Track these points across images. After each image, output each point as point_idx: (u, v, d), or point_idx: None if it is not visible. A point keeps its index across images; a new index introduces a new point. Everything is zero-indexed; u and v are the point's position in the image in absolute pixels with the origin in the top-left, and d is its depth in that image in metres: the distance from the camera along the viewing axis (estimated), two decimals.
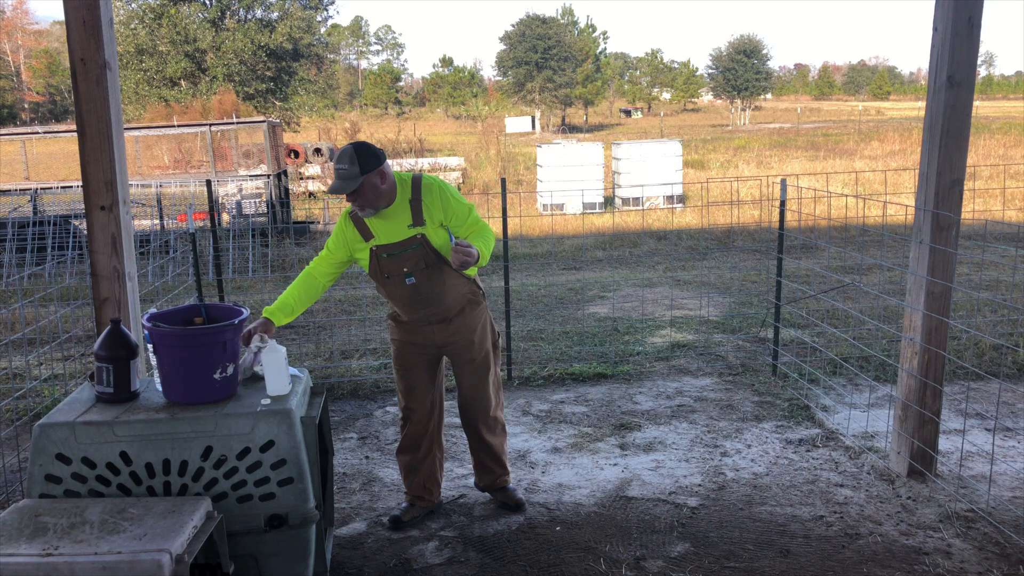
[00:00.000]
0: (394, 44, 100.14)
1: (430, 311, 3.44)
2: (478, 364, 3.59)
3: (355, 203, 3.26)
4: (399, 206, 3.32)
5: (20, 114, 57.65)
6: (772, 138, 35.49)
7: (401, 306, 3.48)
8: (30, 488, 2.65)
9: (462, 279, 3.46)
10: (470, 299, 3.53)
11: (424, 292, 3.39)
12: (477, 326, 3.55)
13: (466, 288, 3.50)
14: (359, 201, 3.24)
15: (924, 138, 3.84)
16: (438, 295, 3.41)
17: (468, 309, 3.52)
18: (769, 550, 3.41)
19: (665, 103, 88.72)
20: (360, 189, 3.20)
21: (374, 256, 3.35)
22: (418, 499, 3.71)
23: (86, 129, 3.41)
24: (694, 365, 5.95)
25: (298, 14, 33.94)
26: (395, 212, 3.32)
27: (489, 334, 3.63)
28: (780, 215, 5.70)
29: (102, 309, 3.51)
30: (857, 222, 6.88)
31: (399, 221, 3.32)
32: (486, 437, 3.70)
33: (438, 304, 3.43)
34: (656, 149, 16.05)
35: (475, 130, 38.00)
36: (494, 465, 3.78)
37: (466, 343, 3.54)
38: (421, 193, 3.33)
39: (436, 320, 3.47)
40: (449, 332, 3.50)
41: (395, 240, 3.32)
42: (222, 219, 12.70)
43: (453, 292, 3.44)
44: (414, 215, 3.31)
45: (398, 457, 3.72)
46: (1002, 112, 54.80)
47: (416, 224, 3.31)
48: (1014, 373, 5.57)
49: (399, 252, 3.32)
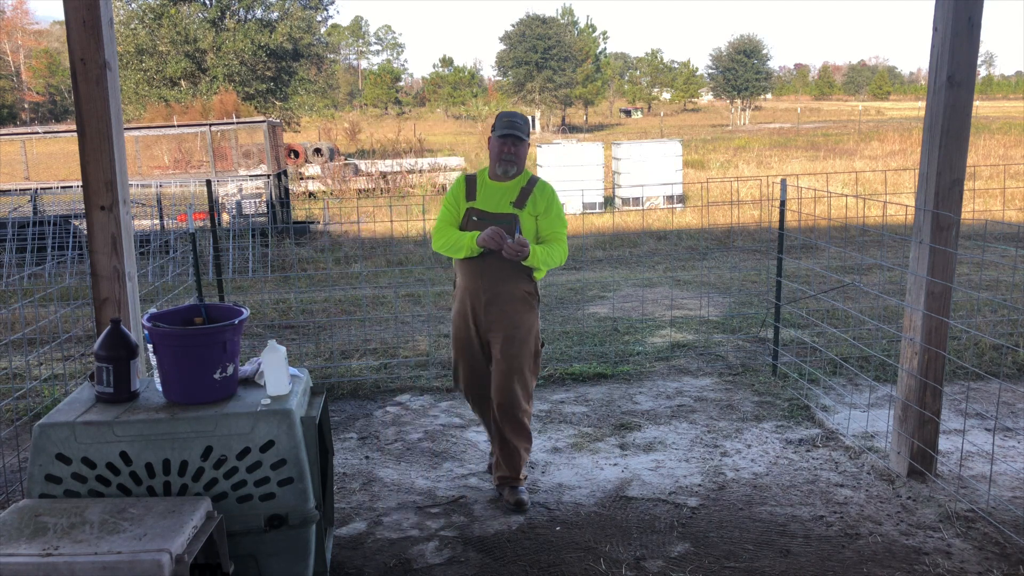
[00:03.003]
0: (394, 44, 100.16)
1: (487, 285, 3.71)
2: (512, 360, 3.73)
3: (511, 152, 3.69)
4: (514, 185, 3.75)
5: (20, 114, 57.64)
6: (772, 138, 35.50)
7: (467, 271, 3.76)
8: (30, 488, 2.65)
9: (525, 275, 3.74)
10: (525, 297, 3.77)
11: (491, 265, 3.68)
12: (522, 324, 3.76)
13: (527, 285, 3.77)
14: (516, 151, 3.70)
15: (924, 138, 3.84)
16: (500, 275, 3.70)
17: (520, 304, 3.75)
18: (769, 550, 3.41)
19: (665, 103, 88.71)
20: (524, 143, 3.71)
21: (467, 215, 3.74)
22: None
23: (86, 129, 3.41)
24: (694, 365, 5.95)
25: (298, 14, 33.95)
26: (508, 188, 3.75)
27: (532, 340, 3.80)
28: (780, 215, 5.70)
29: (102, 309, 3.51)
30: (857, 222, 6.88)
31: (505, 197, 3.73)
32: (508, 436, 3.82)
33: (497, 283, 3.71)
34: (656, 149, 16.05)
35: (475, 130, 38.02)
36: (507, 464, 3.87)
37: (507, 336, 3.73)
38: (534, 186, 3.77)
39: (488, 299, 3.73)
40: (493, 315, 3.73)
41: (494, 210, 3.71)
42: (222, 219, 12.70)
43: (514, 280, 3.72)
44: (520, 198, 3.73)
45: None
46: (1002, 112, 54.81)
47: (517, 206, 3.71)
48: (1014, 373, 5.57)
49: (490, 221, 3.68)
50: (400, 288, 9.07)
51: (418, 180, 20.13)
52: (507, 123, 3.69)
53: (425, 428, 4.89)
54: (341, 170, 20.72)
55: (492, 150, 3.76)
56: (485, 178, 3.82)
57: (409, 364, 6.06)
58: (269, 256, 10.90)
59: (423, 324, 7.23)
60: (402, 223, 13.26)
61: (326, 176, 20.58)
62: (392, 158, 23.42)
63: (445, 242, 3.74)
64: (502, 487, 3.91)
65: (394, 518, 3.78)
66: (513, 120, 3.71)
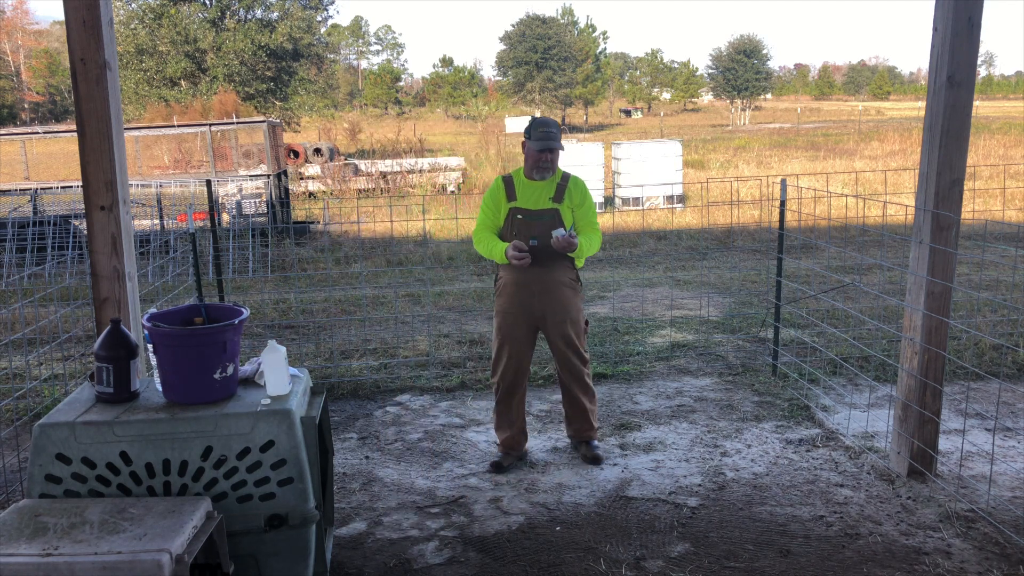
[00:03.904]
0: (394, 44, 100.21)
1: (536, 276, 4.07)
2: (570, 339, 4.19)
3: (547, 161, 4.06)
4: (550, 183, 4.13)
5: (20, 114, 57.64)
6: (772, 138, 35.49)
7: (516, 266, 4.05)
8: (30, 488, 2.65)
9: (569, 263, 4.17)
10: (571, 283, 4.17)
11: (539, 259, 4.02)
12: (572, 307, 4.18)
13: (572, 273, 4.19)
14: (551, 158, 4.06)
15: (924, 138, 3.84)
16: (548, 265, 4.07)
17: (568, 290, 4.16)
18: (769, 550, 3.41)
19: (665, 103, 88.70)
20: (558, 150, 4.07)
21: (511, 215, 4.11)
22: (511, 449, 4.33)
23: (86, 129, 3.41)
24: (694, 365, 5.95)
25: (298, 14, 33.93)
26: (545, 186, 4.12)
27: (581, 319, 4.25)
28: (780, 215, 5.70)
29: (102, 309, 3.51)
30: (857, 222, 6.87)
31: (544, 194, 4.11)
32: (579, 396, 4.32)
33: (545, 273, 4.08)
34: (656, 149, 16.04)
35: (475, 130, 37.99)
36: (582, 420, 4.36)
37: (560, 320, 4.15)
38: (568, 181, 4.16)
39: (538, 289, 4.10)
40: (546, 303, 4.12)
41: (535, 207, 4.09)
42: (222, 219, 12.70)
43: (560, 268, 4.12)
44: (557, 193, 4.11)
45: (494, 413, 4.37)
46: (1002, 112, 54.80)
47: (556, 201, 4.10)
48: (1014, 373, 5.57)
49: (534, 218, 4.07)
50: (400, 288, 9.07)
51: (418, 180, 20.13)
52: (543, 134, 4.04)
53: (425, 428, 4.89)
54: (341, 170, 20.71)
55: (529, 157, 4.11)
56: (521, 178, 4.18)
57: (409, 364, 6.06)
58: (269, 256, 10.90)
59: (423, 324, 7.23)
60: (402, 223, 13.26)
61: (326, 176, 20.57)
62: (392, 158, 23.38)
63: (484, 247, 4.15)
64: (579, 439, 4.40)
65: (394, 518, 3.78)
66: (548, 131, 4.05)
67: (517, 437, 4.34)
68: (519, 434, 4.35)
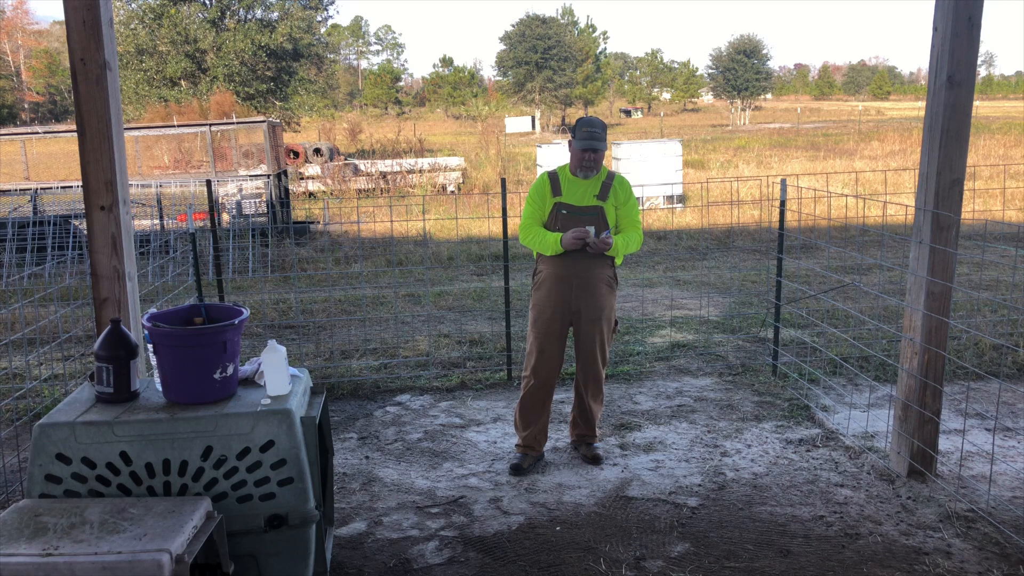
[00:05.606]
0: (394, 44, 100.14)
1: (576, 271, 4.12)
2: (599, 337, 4.21)
3: (591, 160, 4.09)
4: (595, 181, 4.18)
5: (20, 114, 57.63)
6: (772, 138, 35.49)
7: (557, 261, 4.14)
8: (30, 488, 2.65)
9: (608, 261, 4.20)
10: (608, 281, 4.22)
11: (579, 256, 4.09)
12: (606, 306, 4.22)
13: (610, 270, 4.24)
14: (593, 158, 4.09)
15: (924, 138, 3.84)
16: (588, 263, 4.12)
17: (605, 288, 4.20)
18: (769, 550, 3.41)
19: (665, 103, 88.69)
20: (601, 150, 4.10)
21: (555, 210, 4.16)
22: (530, 449, 4.32)
23: (86, 129, 3.41)
24: (694, 365, 5.95)
25: (298, 14, 33.92)
26: (591, 184, 4.17)
27: (613, 317, 4.29)
28: (780, 215, 5.70)
29: (102, 309, 3.51)
30: (857, 222, 6.87)
31: (589, 191, 4.15)
32: (589, 402, 4.34)
33: (585, 271, 4.13)
34: (656, 149, 16.04)
35: (475, 130, 37.96)
36: (587, 426, 4.40)
37: (595, 317, 4.17)
38: (614, 180, 4.21)
39: (577, 284, 4.13)
40: (582, 299, 4.15)
41: (580, 204, 4.14)
42: (222, 219, 12.70)
43: (599, 265, 4.16)
44: (602, 191, 4.16)
45: (519, 408, 4.34)
46: (1002, 112, 54.80)
47: (600, 198, 4.15)
48: (1014, 373, 5.56)
49: (578, 214, 4.12)
50: (400, 288, 9.07)
51: (418, 180, 20.12)
52: (586, 134, 4.07)
53: (425, 428, 4.89)
54: (341, 170, 20.71)
55: (573, 156, 4.16)
56: (567, 174, 4.21)
57: (409, 364, 6.06)
58: (269, 256, 10.89)
59: (423, 324, 7.23)
60: (402, 223, 13.26)
61: (326, 176, 20.57)
62: (392, 158, 23.40)
63: (533, 239, 4.17)
64: (579, 444, 4.44)
65: (394, 518, 3.78)
66: (592, 131, 4.09)
67: (539, 435, 4.33)
68: (541, 433, 4.34)
